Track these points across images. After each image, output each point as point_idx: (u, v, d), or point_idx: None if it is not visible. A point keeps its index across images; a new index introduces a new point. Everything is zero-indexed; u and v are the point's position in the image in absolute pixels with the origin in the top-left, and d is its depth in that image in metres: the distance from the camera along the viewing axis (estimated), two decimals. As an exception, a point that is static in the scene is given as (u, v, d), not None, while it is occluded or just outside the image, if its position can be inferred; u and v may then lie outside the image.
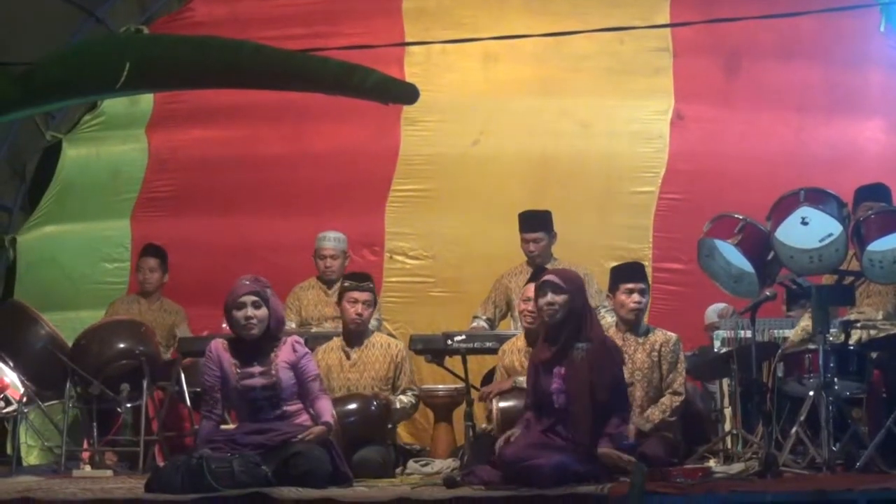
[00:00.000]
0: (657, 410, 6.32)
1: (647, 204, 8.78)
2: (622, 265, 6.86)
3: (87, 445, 7.18)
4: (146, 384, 7.01)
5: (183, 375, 7.31)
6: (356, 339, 6.85)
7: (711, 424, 7.16)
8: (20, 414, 7.08)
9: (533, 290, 6.15)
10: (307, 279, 8.01)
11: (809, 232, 6.17)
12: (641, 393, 6.37)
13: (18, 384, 7.08)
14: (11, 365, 7.11)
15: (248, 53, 2.62)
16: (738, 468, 5.89)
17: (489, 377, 7.20)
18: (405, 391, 6.86)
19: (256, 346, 5.79)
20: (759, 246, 6.26)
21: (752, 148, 8.83)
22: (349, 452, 6.16)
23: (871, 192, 6.94)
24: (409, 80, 7.37)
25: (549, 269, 6.74)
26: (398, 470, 6.68)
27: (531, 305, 6.30)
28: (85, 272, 9.15)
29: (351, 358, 6.81)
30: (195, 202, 9.18)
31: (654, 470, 5.36)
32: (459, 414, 7.21)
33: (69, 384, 7.03)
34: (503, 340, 6.91)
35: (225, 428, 5.94)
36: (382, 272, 8.82)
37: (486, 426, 6.73)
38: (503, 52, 8.99)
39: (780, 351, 6.54)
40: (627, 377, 6.30)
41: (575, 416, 5.56)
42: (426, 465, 6.76)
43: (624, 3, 8.93)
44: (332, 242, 7.91)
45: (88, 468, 6.78)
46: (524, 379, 6.09)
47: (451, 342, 6.99)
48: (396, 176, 9.01)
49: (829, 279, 6.56)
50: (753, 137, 8.87)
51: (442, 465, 6.68)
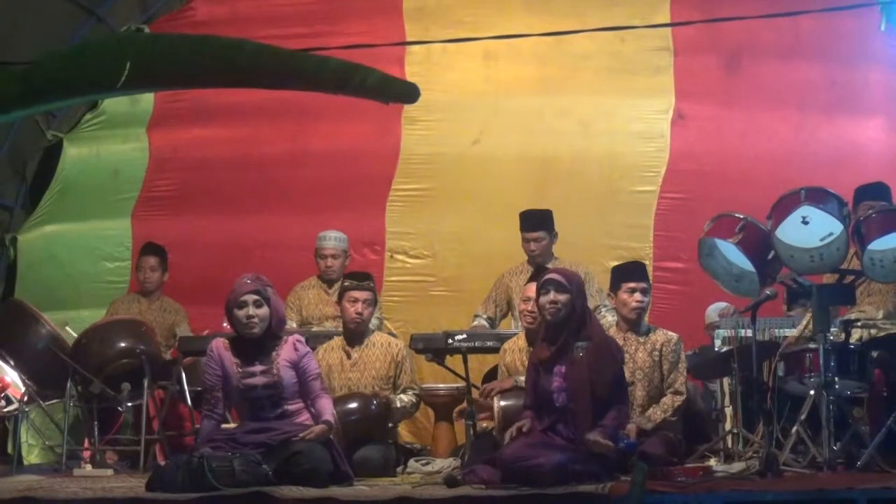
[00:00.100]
0: (658, 410, 6.33)
1: (647, 203, 8.78)
2: (624, 264, 6.86)
3: (87, 444, 7.18)
4: (147, 383, 7.01)
5: (184, 374, 7.31)
6: (357, 338, 6.86)
7: (712, 423, 7.16)
8: (21, 413, 7.08)
9: (533, 289, 6.15)
10: (308, 278, 8.00)
11: (810, 231, 6.18)
12: (642, 392, 6.38)
13: (19, 383, 7.09)
14: (12, 364, 7.12)
15: (248, 53, 2.62)
16: (738, 467, 5.89)
17: (490, 376, 7.20)
18: (406, 390, 6.86)
19: (258, 345, 5.79)
20: (759, 245, 6.26)
21: (752, 147, 8.83)
22: (350, 451, 6.16)
23: (871, 191, 6.94)
24: (409, 79, 7.38)
25: (550, 268, 6.73)
26: (399, 469, 6.68)
27: (531, 305, 6.30)
28: (85, 271, 9.15)
29: (352, 357, 6.82)
30: (196, 201, 9.18)
31: (654, 469, 5.36)
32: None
33: (70, 383, 7.03)
34: (504, 339, 6.91)
35: (226, 427, 5.94)
36: (383, 271, 8.83)
37: (485, 425, 6.73)
38: (504, 51, 8.99)
39: (780, 350, 6.54)
40: (628, 376, 6.30)
41: (575, 414, 5.57)
42: (427, 464, 6.75)
43: (624, 2, 8.93)
44: (332, 242, 7.91)
45: (89, 467, 6.78)
46: (525, 378, 6.09)
47: (451, 341, 6.98)
48: (397, 175, 9.01)
49: (829, 278, 6.56)
50: (754, 136, 8.87)
51: (443, 464, 6.68)
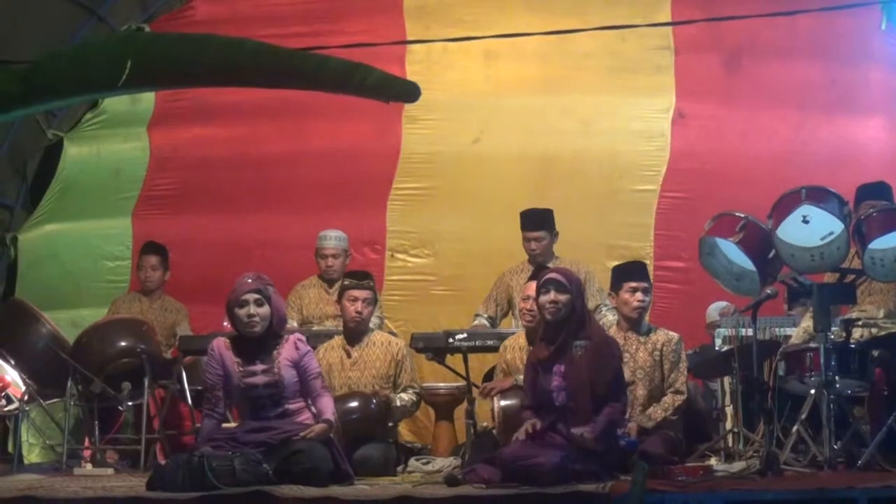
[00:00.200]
0: (659, 409, 6.33)
1: (648, 202, 8.77)
2: (625, 264, 6.87)
3: (88, 444, 7.18)
4: (147, 382, 7.00)
5: (184, 374, 7.31)
6: (357, 337, 6.85)
7: (713, 423, 7.15)
8: (22, 412, 7.08)
9: (533, 288, 6.14)
10: (308, 277, 8.00)
11: (810, 230, 6.18)
12: (643, 392, 6.38)
13: (20, 382, 7.08)
14: (13, 363, 7.12)
15: (248, 52, 2.61)
16: (739, 466, 5.89)
17: (490, 375, 7.20)
18: (406, 389, 6.86)
19: (259, 343, 5.79)
20: (760, 244, 6.25)
21: (753, 146, 8.82)
22: (350, 450, 6.16)
23: (872, 190, 6.93)
24: (410, 78, 7.37)
25: (550, 267, 6.73)
26: (399, 468, 6.68)
27: (530, 304, 6.29)
28: (86, 270, 9.15)
29: (352, 356, 6.82)
30: (196, 200, 9.17)
31: (655, 468, 5.36)
32: (461, 412, 7.21)
33: (70, 382, 7.02)
34: (504, 338, 6.91)
35: (226, 426, 5.94)
36: (384, 270, 8.82)
37: (485, 424, 6.73)
38: (504, 50, 8.98)
39: (781, 349, 6.54)
40: (629, 376, 6.30)
41: (575, 413, 5.56)
42: (427, 463, 6.75)
43: (625, 1, 8.92)
44: (333, 241, 7.90)
45: (90, 466, 6.78)
46: (523, 377, 6.08)
47: (452, 340, 6.98)
48: (397, 174, 9.00)
49: (830, 277, 6.56)
50: (754, 136, 8.87)
51: (443, 463, 6.68)
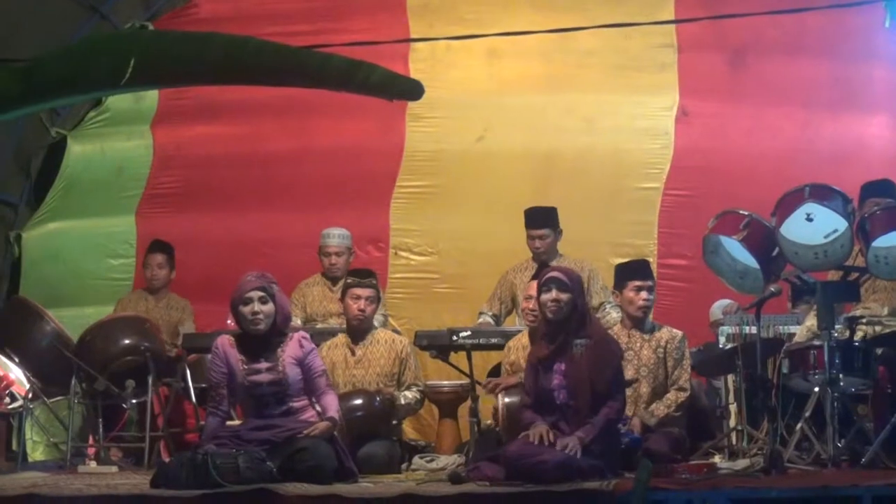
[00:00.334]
0: (662, 405, 6.34)
1: (652, 200, 8.76)
2: (629, 263, 6.86)
3: (92, 441, 7.19)
4: (151, 380, 7.01)
5: (188, 371, 7.32)
6: (360, 335, 6.86)
7: (716, 420, 7.15)
8: (26, 410, 7.09)
9: (535, 288, 6.13)
10: (312, 275, 8.00)
11: (814, 228, 6.17)
12: (647, 389, 6.38)
13: (24, 380, 7.09)
14: (17, 361, 7.13)
15: (251, 50, 2.61)
16: (743, 464, 5.89)
17: (494, 373, 7.20)
18: (410, 387, 6.86)
19: (263, 341, 5.79)
20: (764, 242, 6.25)
21: (757, 144, 8.82)
22: (354, 448, 6.16)
23: (877, 188, 6.92)
24: (413, 76, 7.36)
25: (552, 265, 6.73)
26: (403, 466, 6.69)
27: (533, 304, 6.28)
28: (90, 268, 9.16)
29: (356, 354, 6.82)
30: (200, 198, 9.18)
31: (659, 466, 5.36)
32: (464, 410, 7.21)
33: (74, 380, 7.03)
34: (508, 336, 6.91)
35: (230, 424, 5.94)
36: (387, 268, 8.83)
37: (488, 422, 6.73)
38: (508, 48, 8.97)
39: (785, 347, 6.54)
40: (633, 373, 6.31)
41: (576, 411, 5.56)
42: (431, 460, 6.75)
43: (629, -1, 8.93)
44: (336, 240, 7.91)
45: (94, 464, 6.78)
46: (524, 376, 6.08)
47: (456, 338, 6.98)
48: (401, 172, 9.00)
49: (834, 275, 6.55)
50: (759, 134, 8.86)
51: (447, 460, 6.68)
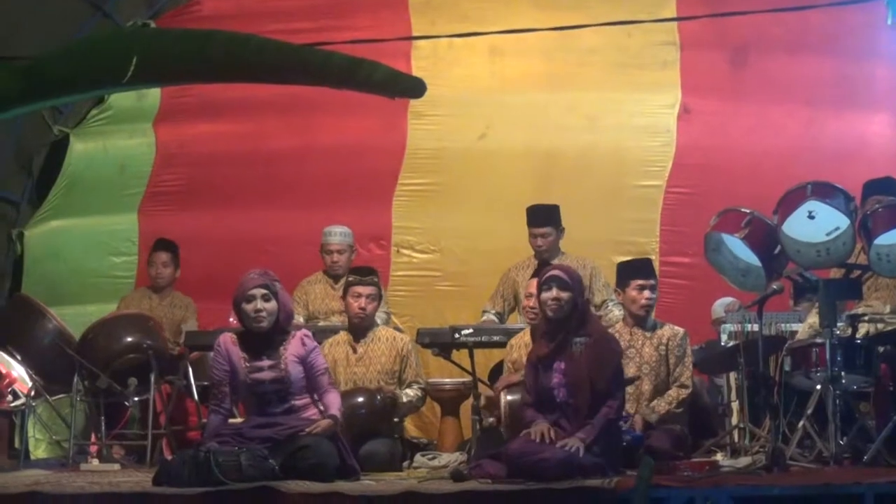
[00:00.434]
0: (663, 402, 6.34)
1: (654, 198, 8.77)
2: (632, 261, 6.86)
3: (94, 439, 7.19)
4: (153, 378, 7.01)
5: (190, 369, 7.32)
6: (362, 332, 6.86)
7: (718, 418, 7.16)
8: (28, 408, 7.09)
9: (535, 285, 6.13)
10: (314, 273, 8.01)
11: (816, 226, 6.17)
12: (649, 387, 6.39)
13: (26, 378, 7.10)
14: (19, 359, 7.13)
15: (254, 47, 2.61)
16: (745, 462, 5.89)
17: (496, 370, 7.20)
18: (412, 385, 6.86)
19: (265, 339, 5.79)
20: (766, 240, 6.25)
21: (759, 142, 8.81)
22: (356, 446, 6.16)
23: (879, 185, 6.92)
24: (415, 74, 7.37)
25: (552, 264, 6.72)
26: (405, 463, 6.70)
27: (533, 301, 6.28)
28: (92, 266, 9.17)
29: (357, 352, 6.82)
30: (202, 196, 9.18)
31: (661, 463, 5.36)
32: (466, 408, 7.22)
33: (77, 378, 7.04)
34: (511, 334, 6.91)
35: (233, 422, 5.94)
36: (389, 266, 8.83)
37: (492, 420, 6.73)
38: (510, 46, 8.97)
39: (787, 345, 6.54)
40: (635, 371, 6.31)
41: (577, 409, 5.56)
42: (433, 458, 6.76)
43: (630, -4, 8.92)
44: (338, 237, 7.91)
45: (96, 462, 6.79)
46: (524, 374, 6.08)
47: (458, 336, 6.98)
48: (403, 170, 9.00)
49: (836, 273, 6.55)
50: (761, 131, 8.86)
51: (449, 458, 6.68)
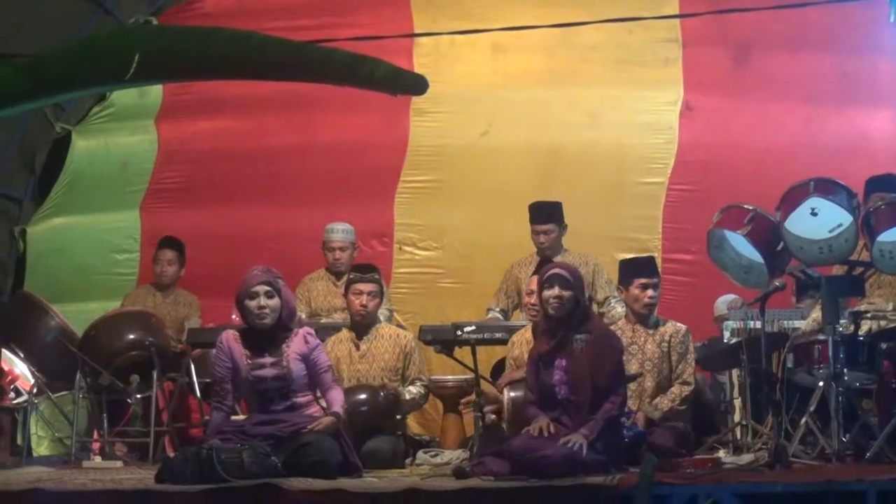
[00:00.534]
0: (666, 399, 6.33)
1: (656, 195, 8.77)
2: (634, 259, 6.85)
3: (97, 436, 7.19)
4: (156, 375, 7.02)
5: (193, 366, 7.32)
6: (364, 330, 6.86)
7: (721, 415, 7.16)
8: (31, 405, 7.10)
9: (536, 283, 6.12)
10: (316, 270, 8.01)
11: (819, 222, 6.17)
12: (651, 383, 6.38)
13: (29, 375, 7.10)
14: (22, 356, 7.14)
15: (255, 44, 2.61)
16: (747, 459, 5.89)
17: (498, 367, 7.20)
18: (414, 382, 6.86)
19: (268, 336, 5.78)
20: (768, 236, 6.25)
21: (761, 139, 8.81)
22: (359, 443, 6.16)
23: (881, 182, 6.90)
24: (417, 71, 7.34)
25: (554, 261, 6.72)
26: (408, 460, 6.69)
27: (534, 298, 6.27)
28: (94, 263, 9.18)
29: (360, 349, 6.82)
30: (204, 193, 9.19)
31: (663, 460, 5.36)
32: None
33: (79, 375, 7.04)
34: (513, 331, 6.90)
35: (235, 419, 5.94)
36: (392, 263, 8.84)
37: (493, 416, 6.73)
38: (512, 43, 8.98)
39: (789, 341, 6.53)
40: (637, 368, 6.30)
41: (578, 406, 5.55)
42: (436, 455, 6.75)
43: (632, -7, 8.91)
44: (340, 234, 7.91)
45: (98, 459, 6.79)
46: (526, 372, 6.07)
47: (460, 333, 6.98)
48: (405, 167, 9.01)
49: (838, 270, 6.54)
50: (763, 128, 8.86)
51: (451, 455, 6.68)
